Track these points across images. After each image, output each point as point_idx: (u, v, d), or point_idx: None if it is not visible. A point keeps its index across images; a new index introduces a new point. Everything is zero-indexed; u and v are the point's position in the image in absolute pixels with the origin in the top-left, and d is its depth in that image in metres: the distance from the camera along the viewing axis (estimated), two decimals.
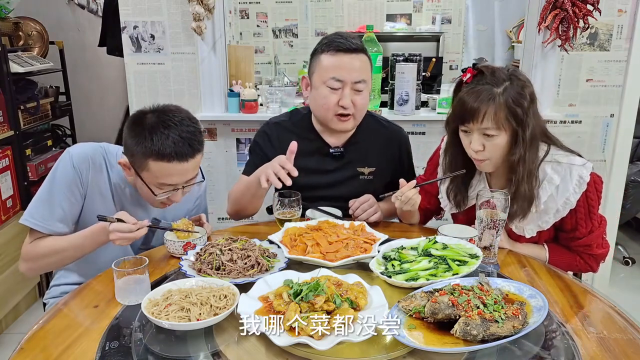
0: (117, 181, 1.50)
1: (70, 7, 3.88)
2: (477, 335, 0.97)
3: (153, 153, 1.32)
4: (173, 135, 1.33)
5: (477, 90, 1.40)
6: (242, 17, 4.09)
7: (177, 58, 2.55)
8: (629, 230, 3.68)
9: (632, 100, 2.55)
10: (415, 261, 1.29)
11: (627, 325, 1.09)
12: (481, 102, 1.38)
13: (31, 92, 2.91)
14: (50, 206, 1.42)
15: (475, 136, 1.42)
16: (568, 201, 1.44)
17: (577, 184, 1.44)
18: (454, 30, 4.13)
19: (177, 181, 1.38)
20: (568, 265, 1.53)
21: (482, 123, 1.39)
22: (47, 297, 1.62)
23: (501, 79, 1.41)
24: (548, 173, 1.46)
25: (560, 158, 1.48)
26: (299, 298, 1.05)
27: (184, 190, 1.43)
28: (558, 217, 1.47)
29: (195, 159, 1.38)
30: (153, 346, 1.01)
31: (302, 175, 1.68)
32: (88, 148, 1.48)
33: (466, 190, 1.61)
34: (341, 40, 1.61)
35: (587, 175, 1.44)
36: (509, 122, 1.39)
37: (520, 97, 1.39)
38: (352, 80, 1.60)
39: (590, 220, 1.47)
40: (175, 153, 1.33)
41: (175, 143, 1.32)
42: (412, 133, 2.59)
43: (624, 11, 2.43)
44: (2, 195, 2.55)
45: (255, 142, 1.81)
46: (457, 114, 1.45)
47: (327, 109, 1.64)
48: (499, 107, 1.38)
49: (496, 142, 1.41)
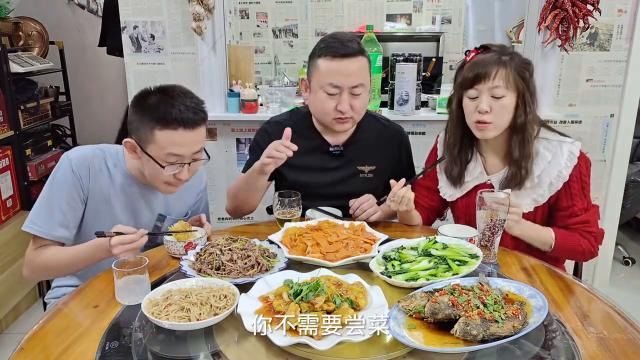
0: (119, 180, 1.50)
1: (70, 7, 3.88)
2: (477, 335, 0.97)
3: (160, 121, 1.35)
4: (178, 104, 1.36)
5: (485, 57, 1.51)
6: (242, 17, 4.09)
7: (177, 58, 2.55)
8: (629, 230, 3.68)
9: (632, 100, 2.55)
10: (415, 261, 1.29)
11: (627, 325, 1.09)
12: (492, 64, 1.48)
13: (31, 92, 2.91)
14: (50, 211, 1.43)
15: (484, 97, 1.48)
16: (561, 174, 1.52)
17: (568, 158, 1.52)
18: (454, 30, 4.13)
19: (184, 152, 1.38)
20: (573, 244, 1.52)
21: (493, 81, 1.47)
22: (49, 297, 1.62)
23: (507, 50, 1.54)
24: (540, 150, 1.55)
25: (550, 136, 1.57)
26: (299, 298, 1.05)
27: (190, 168, 1.43)
28: (553, 190, 1.53)
29: (200, 130, 1.40)
30: (153, 346, 1.01)
31: (302, 173, 1.69)
32: (87, 151, 1.48)
33: (464, 168, 1.66)
34: (337, 45, 1.59)
35: (577, 151, 1.53)
36: (516, 83, 1.48)
37: (525, 64, 1.52)
38: (349, 85, 1.60)
39: (584, 198, 1.54)
40: (182, 119, 1.35)
41: (180, 111, 1.35)
42: (412, 133, 2.60)
43: (624, 11, 2.43)
44: (2, 195, 2.55)
45: (255, 140, 1.82)
46: (466, 80, 1.51)
47: (326, 113, 1.65)
48: (510, 69, 1.48)
49: (504, 103, 1.48)
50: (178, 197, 1.61)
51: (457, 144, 1.63)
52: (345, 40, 1.60)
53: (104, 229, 1.40)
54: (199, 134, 1.40)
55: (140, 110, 1.38)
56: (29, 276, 1.48)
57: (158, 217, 1.59)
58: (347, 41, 1.60)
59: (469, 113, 1.53)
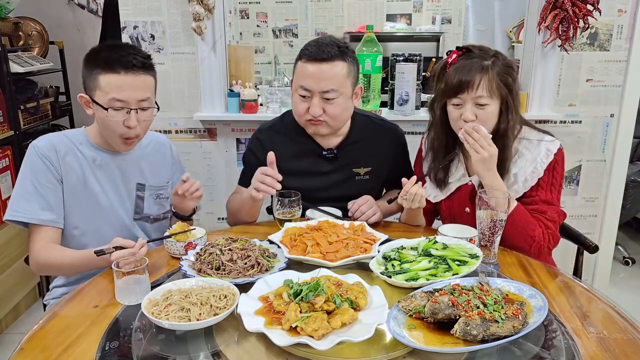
0: (89, 154, 1.54)
1: (70, 7, 3.88)
2: (477, 335, 0.97)
3: (101, 64, 1.42)
4: (120, 51, 1.44)
5: (467, 63, 1.50)
6: (242, 17, 4.09)
7: (177, 58, 2.55)
8: (629, 230, 3.68)
9: (632, 100, 2.55)
10: (415, 261, 1.29)
11: (627, 325, 1.09)
12: (475, 72, 1.48)
13: (31, 92, 2.92)
14: (29, 196, 1.46)
15: (469, 107, 1.49)
16: (535, 170, 1.54)
17: (545, 155, 1.55)
18: (454, 30, 4.14)
19: (126, 97, 1.43)
20: (526, 222, 1.50)
21: (476, 91, 1.47)
22: (48, 298, 1.62)
23: (489, 54, 1.53)
24: (519, 150, 1.58)
25: (531, 136, 1.59)
26: (299, 298, 1.05)
27: (138, 117, 1.46)
28: (527, 186, 1.55)
29: (144, 77, 1.45)
30: (153, 346, 1.01)
31: (296, 177, 1.68)
32: (51, 137, 1.53)
33: (448, 171, 1.67)
34: (314, 49, 1.58)
35: (555, 148, 1.55)
36: (499, 90, 1.49)
37: (508, 67, 1.52)
38: (319, 89, 1.58)
39: (549, 192, 1.55)
40: (121, 62, 1.41)
41: (121, 55, 1.42)
42: (412, 133, 2.59)
43: (624, 11, 2.43)
44: (2, 195, 2.55)
45: (248, 149, 1.81)
46: (449, 88, 1.51)
47: (299, 115, 1.66)
48: (492, 76, 1.48)
49: (488, 111, 1.49)
50: (150, 164, 1.65)
51: (441, 148, 1.64)
52: (323, 45, 1.58)
53: (86, 211, 1.47)
54: (142, 81, 1.45)
55: (89, 62, 1.45)
56: (36, 271, 1.51)
57: (138, 187, 1.62)
58: (325, 45, 1.58)
59: (453, 120, 1.55)
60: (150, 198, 1.65)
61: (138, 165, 1.62)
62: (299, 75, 1.62)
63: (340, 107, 1.62)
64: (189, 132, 2.65)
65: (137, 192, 1.63)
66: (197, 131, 2.65)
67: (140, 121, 1.47)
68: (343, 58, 1.59)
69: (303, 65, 1.60)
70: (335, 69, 1.58)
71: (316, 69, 1.57)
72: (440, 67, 1.58)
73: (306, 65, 1.59)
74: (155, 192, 1.66)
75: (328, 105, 1.61)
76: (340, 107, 1.62)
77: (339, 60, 1.58)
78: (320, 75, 1.57)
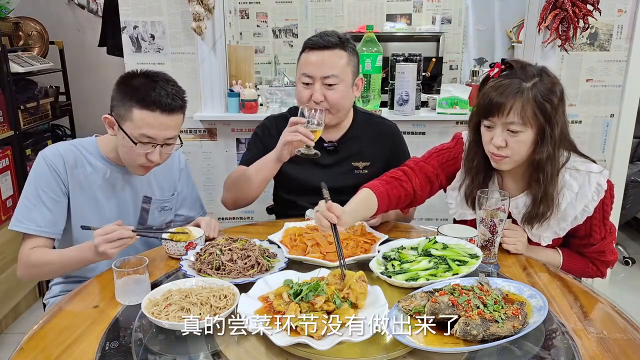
0: (99, 166, 1.53)
1: (70, 7, 3.88)
2: (477, 335, 0.97)
3: (139, 101, 1.40)
4: (159, 88, 1.41)
5: (504, 83, 1.35)
6: (242, 17, 4.08)
7: (177, 58, 2.55)
8: (629, 230, 3.68)
9: (632, 100, 2.55)
10: (415, 261, 1.29)
11: (627, 325, 1.09)
12: (508, 95, 1.32)
13: (31, 92, 2.91)
14: (35, 207, 1.45)
15: (499, 131, 1.36)
16: (587, 208, 1.41)
17: (596, 192, 1.40)
18: (454, 30, 4.13)
19: (156, 135, 1.42)
20: (581, 270, 1.52)
21: (507, 117, 1.33)
22: (47, 297, 1.62)
23: (531, 73, 1.36)
24: (567, 180, 1.42)
25: (578, 165, 1.44)
26: (299, 298, 1.05)
27: (162, 151, 1.45)
28: (575, 224, 1.44)
29: (177, 117, 1.45)
30: (153, 346, 1.01)
31: (297, 166, 1.71)
32: (60, 147, 1.52)
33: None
34: (315, 39, 1.68)
35: (605, 183, 1.41)
36: (536, 118, 1.33)
37: (550, 93, 1.34)
38: (320, 75, 1.66)
39: (604, 227, 1.45)
40: (160, 103, 1.40)
41: (160, 95, 1.40)
42: (412, 133, 2.59)
43: (624, 11, 2.43)
44: (2, 195, 2.55)
45: (255, 134, 1.87)
46: (481, 108, 1.38)
47: (302, 102, 1.71)
48: (527, 102, 1.32)
49: (520, 139, 1.35)
50: (159, 177, 1.64)
51: (475, 168, 1.50)
52: (324, 35, 1.68)
53: (91, 221, 1.43)
54: (174, 120, 1.44)
55: (123, 89, 1.44)
56: (23, 276, 1.50)
57: (144, 199, 1.62)
58: (326, 35, 1.68)
59: (485, 142, 1.42)
60: (155, 210, 1.65)
61: (147, 179, 1.61)
62: (302, 65, 1.71)
63: (340, 93, 1.69)
64: (189, 132, 2.65)
65: (143, 205, 1.62)
66: (197, 131, 2.65)
67: (162, 154, 1.47)
68: (343, 47, 1.69)
69: (306, 55, 1.70)
70: (336, 57, 1.67)
71: (318, 57, 1.67)
72: (482, 80, 1.48)
73: (309, 54, 1.69)
74: (160, 204, 1.65)
75: (329, 92, 1.68)
76: (341, 93, 1.69)
77: (340, 49, 1.68)
78: (321, 62, 1.66)
